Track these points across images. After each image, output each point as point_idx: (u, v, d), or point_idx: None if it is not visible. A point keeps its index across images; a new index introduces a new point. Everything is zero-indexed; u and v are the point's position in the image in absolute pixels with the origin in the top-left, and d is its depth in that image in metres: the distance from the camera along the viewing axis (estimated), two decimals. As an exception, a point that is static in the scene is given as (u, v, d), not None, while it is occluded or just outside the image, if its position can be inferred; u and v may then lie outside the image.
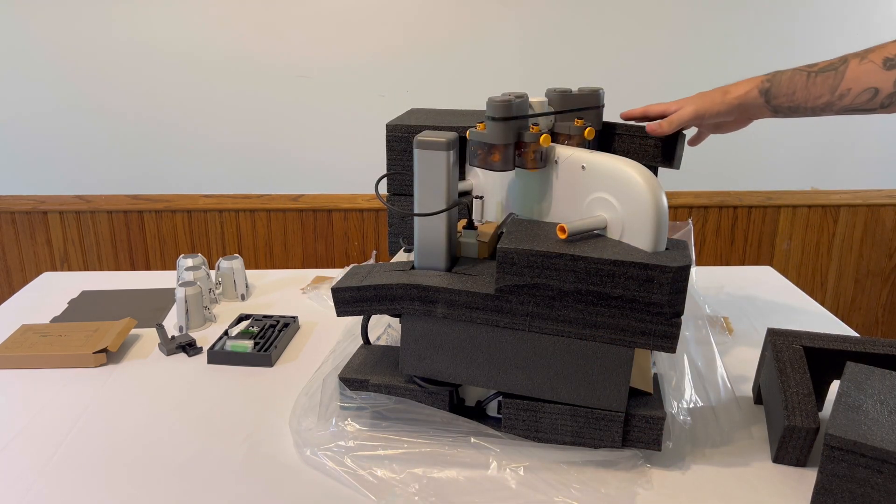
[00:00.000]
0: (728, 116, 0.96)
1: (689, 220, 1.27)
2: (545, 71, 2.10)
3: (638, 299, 0.76)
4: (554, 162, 0.86)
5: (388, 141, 1.04)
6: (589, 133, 0.89)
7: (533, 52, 2.08)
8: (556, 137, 0.90)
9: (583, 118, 0.91)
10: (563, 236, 0.79)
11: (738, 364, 1.09)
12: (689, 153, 2.21)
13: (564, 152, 0.85)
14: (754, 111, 0.96)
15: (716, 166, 2.21)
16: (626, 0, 2.04)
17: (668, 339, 0.77)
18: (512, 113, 0.81)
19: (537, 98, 0.89)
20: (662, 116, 0.98)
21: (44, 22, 2.00)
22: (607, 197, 0.80)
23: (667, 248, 0.79)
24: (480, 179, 0.99)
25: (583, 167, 0.82)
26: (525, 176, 0.90)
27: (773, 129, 2.17)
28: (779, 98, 0.94)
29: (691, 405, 0.93)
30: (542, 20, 2.06)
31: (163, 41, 2.03)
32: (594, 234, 0.82)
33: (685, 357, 0.99)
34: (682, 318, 0.77)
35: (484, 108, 0.84)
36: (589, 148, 0.88)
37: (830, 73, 0.92)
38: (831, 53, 0.94)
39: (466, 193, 0.99)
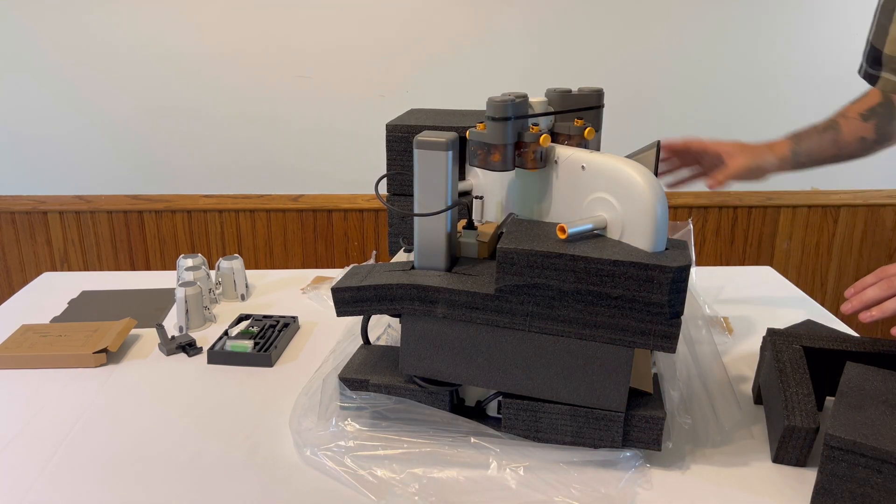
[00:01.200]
0: (766, 172, 1.11)
1: (689, 221, 1.27)
2: (545, 71, 2.10)
3: (638, 299, 0.76)
4: (554, 162, 0.86)
5: (388, 141, 1.04)
6: (589, 133, 0.89)
7: (533, 53, 2.08)
8: (555, 138, 0.90)
9: (583, 118, 0.91)
10: (562, 236, 0.79)
11: (738, 364, 1.09)
12: (689, 153, 2.11)
13: (564, 152, 0.85)
14: (781, 167, 1.13)
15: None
16: (627, 2, 2.05)
17: (668, 339, 0.77)
18: (511, 113, 0.81)
19: (537, 98, 0.89)
20: (702, 152, 1.14)
21: (44, 22, 2.00)
22: (607, 197, 0.80)
23: (667, 248, 0.79)
24: (480, 179, 0.99)
25: (582, 167, 0.82)
26: (525, 176, 0.90)
27: (774, 128, 2.17)
28: (801, 156, 1.13)
29: (691, 405, 0.93)
30: (543, 20, 2.06)
31: (163, 41, 2.03)
32: (594, 234, 0.82)
33: (686, 357, 0.99)
34: (682, 317, 0.77)
35: (484, 108, 0.84)
36: (589, 148, 0.88)
37: (832, 132, 1.14)
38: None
39: (466, 193, 1.00)
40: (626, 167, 0.78)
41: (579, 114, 0.91)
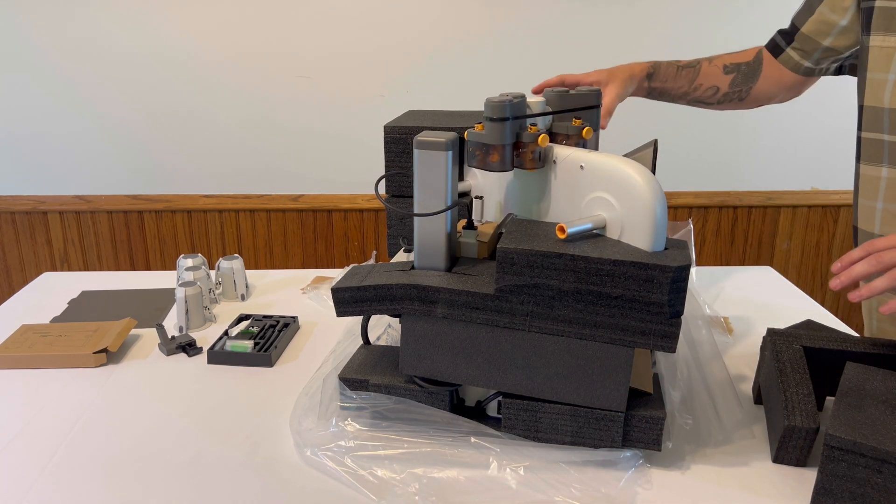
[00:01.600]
0: (628, 94, 1.18)
1: (689, 221, 1.27)
2: (544, 71, 2.09)
3: (638, 299, 0.76)
4: (552, 162, 0.86)
5: (387, 142, 1.04)
6: (587, 133, 0.89)
7: (532, 53, 2.08)
8: (553, 137, 0.90)
9: (581, 118, 0.91)
10: (562, 236, 0.79)
11: (738, 364, 1.09)
12: (689, 152, 2.20)
13: (563, 152, 0.85)
14: (637, 91, 1.19)
15: (716, 166, 2.21)
16: (625, 1, 2.05)
17: (668, 339, 0.77)
18: (509, 113, 0.81)
19: (535, 98, 0.89)
20: (577, 85, 1.13)
21: (44, 22, 2.00)
22: (606, 196, 0.80)
23: (666, 248, 0.79)
24: (479, 180, 0.99)
25: (581, 167, 0.82)
26: (523, 176, 0.90)
27: (773, 129, 2.18)
28: (656, 81, 1.19)
29: (692, 405, 0.93)
30: (542, 21, 2.06)
31: (163, 41, 2.03)
32: (593, 234, 0.82)
33: (686, 357, 0.99)
34: (682, 318, 0.77)
35: (482, 108, 0.84)
36: (587, 148, 0.88)
37: (691, 69, 1.19)
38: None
39: (465, 194, 1.00)
40: (624, 166, 0.78)
41: (577, 113, 0.91)
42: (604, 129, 1.01)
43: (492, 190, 0.97)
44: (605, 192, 0.80)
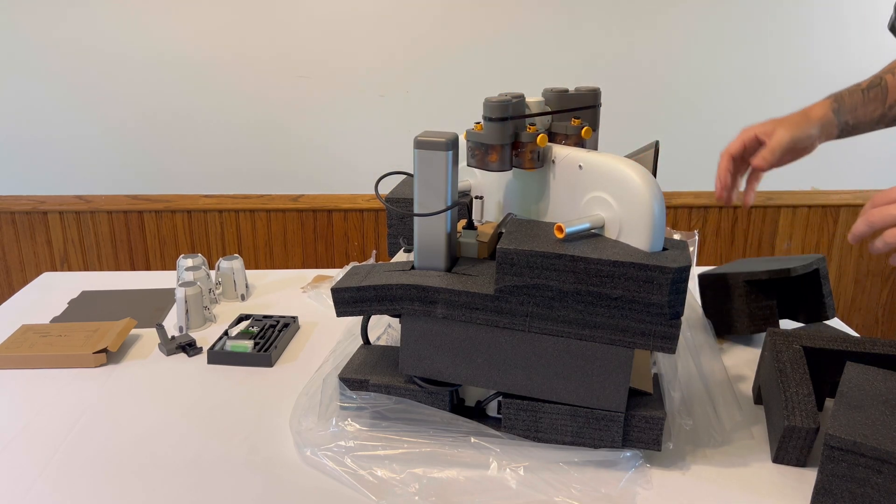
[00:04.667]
0: (813, 139, 1.00)
1: (696, 232, 1.28)
2: (544, 72, 2.10)
3: (638, 300, 0.76)
4: (551, 162, 0.86)
5: (389, 211, 1.03)
6: (586, 133, 0.89)
7: (532, 53, 2.08)
8: (553, 137, 0.91)
9: (580, 118, 0.91)
10: (560, 236, 0.79)
11: (738, 364, 1.09)
12: (689, 152, 2.21)
13: (561, 152, 0.85)
14: (826, 132, 1.02)
15: (716, 166, 2.21)
16: (624, 1, 2.05)
17: (668, 340, 0.77)
18: (508, 113, 0.81)
19: (534, 98, 0.89)
20: (758, 143, 1.01)
21: (44, 22, 2.00)
22: (604, 196, 0.80)
23: (666, 249, 0.79)
24: (479, 179, 0.99)
25: (580, 166, 0.82)
26: (522, 176, 0.90)
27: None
28: (845, 115, 1.02)
29: (692, 406, 0.93)
30: (542, 21, 2.06)
31: (163, 41, 2.03)
32: (592, 234, 0.82)
33: (686, 357, 0.99)
34: (683, 318, 0.77)
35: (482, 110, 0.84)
36: (586, 148, 0.88)
37: (877, 88, 1.03)
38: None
39: (465, 194, 1.00)
40: (623, 166, 0.78)
41: (576, 113, 0.91)
42: (764, 168, 0.97)
43: (491, 189, 0.97)
44: (604, 191, 0.80)
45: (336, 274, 1.46)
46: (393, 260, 0.99)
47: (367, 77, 2.09)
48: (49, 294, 1.36)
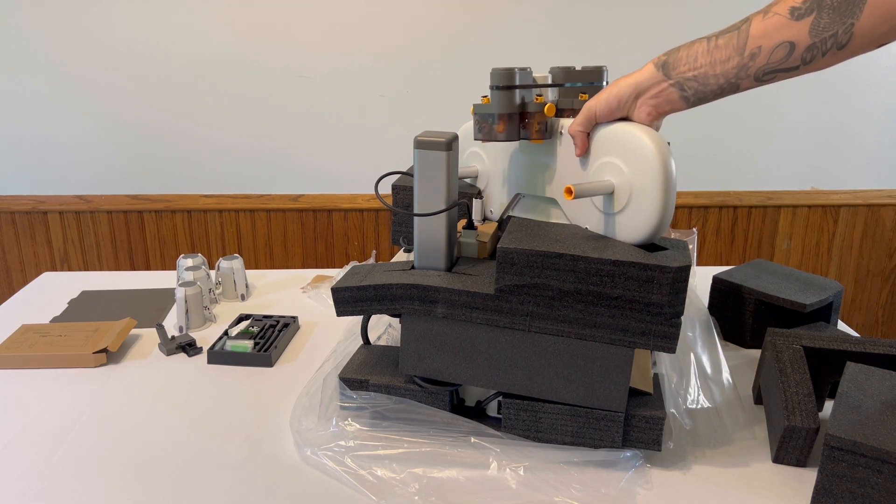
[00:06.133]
0: (622, 105, 0.82)
1: (694, 230, 1.28)
2: (544, 72, 2.09)
3: (638, 299, 0.76)
4: (559, 133, 0.86)
5: (395, 202, 1.03)
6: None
7: (532, 53, 2.08)
8: (560, 113, 0.89)
9: (587, 93, 0.90)
10: (569, 198, 0.78)
11: (738, 364, 1.09)
12: (689, 153, 2.21)
13: (569, 122, 0.85)
14: (658, 94, 0.81)
15: (716, 166, 2.21)
16: (626, 3, 2.05)
17: (667, 340, 0.77)
18: (515, 82, 0.81)
19: (541, 73, 0.89)
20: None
21: (44, 22, 2.00)
22: (615, 161, 0.80)
23: (666, 249, 0.79)
24: (486, 163, 0.98)
25: (588, 133, 0.82)
26: (530, 150, 0.90)
27: (774, 129, 2.18)
28: (679, 68, 0.79)
29: (693, 406, 0.93)
30: (542, 20, 2.06)
31: (163, 41, 2.03)
32: (594, 235, 0.82)
33: (690, 357, 0.99)
34: (687, 317, 0.77)
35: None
36: None
37: (733, 33, 0.79)
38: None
39: (467, 192, 0.99)
40: (635, 129, 0.78)
41: (583, 90, 0.91)
42: (571, 134, 0.84)
43: (498, 171, 0.96)
44: (615, 156, 0.80)
45: (336, 274, 1.46)
46: (393, 260, 0.99)
47: (367, 77, 2.09)
48: (49, 294, 1.36)
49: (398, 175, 1.00)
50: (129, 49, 2.03)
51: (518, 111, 0.83)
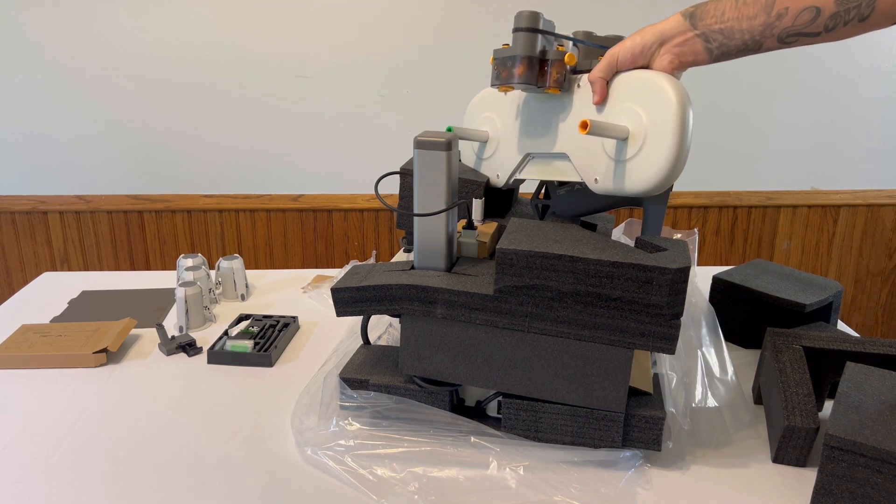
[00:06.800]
0: (646, 52, 0.82)
1: (695, 230, 1.28)
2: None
3: (637, 301, 0.76)
4: (577, 87, 0.86)
5: (402, 186, 1.03)
6: None
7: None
8: (577, 72, 0.89)
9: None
10: (583, 132, 0.76)
11: (738, 364, 1.09)
12: (689, 153, 2.18)
13: (587, 76, 0.85)
14: (682, 43, 0.81)
15: (716, 166, 2.21)
16: (629, 6, 2.05)
17: (667, 341, 0.77)
18: (538, 25, 0.81)
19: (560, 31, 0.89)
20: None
21: (44, 22, 2.00)
22: (633, 106, 0.80)
23: (666, 249, 0.79)
24: (497, 126, 0.98)
25: (607, 82, 0.82)
26: (543, 107, 0.90)
27: (774, 129, 2.18)
28: (706, 19, 0.80)
29: (699, 405, 0.93)
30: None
31: (163, 41, 2.03)
32: (594, 236, 0.82)
33: (698, 355, 0.99)
34: (691, 317, 0.77)
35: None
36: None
37: None
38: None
39: (476, 183, 0.99)
40: (654, 76, 0.78)
41: (601, 52, 0.91)
42: (591, 81, 0.84)
43: (509, 133, 0.96)
44: (633, 102, 0.80)
45: (336, 274, 1.46)
46: (393, 259, 0.99)
47: (367, 77, 2.09)
48: (49, 294, 1.36)
49: (398, 175, 1.00)
50: (130, 49, 2.03)
51: (539, 56, 0.82)
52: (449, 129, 0.92)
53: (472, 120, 1.03)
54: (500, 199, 1.04)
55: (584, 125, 0.76)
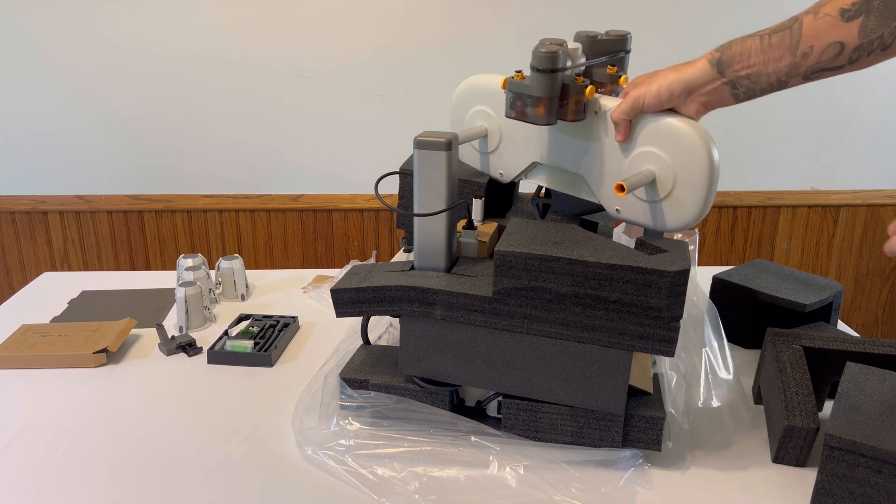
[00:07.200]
0: (674, 100, 0.83)
1: (696, 231, 1.28)
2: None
3: (636, 303, 0.76)
4: (594, 113, 0.85)
5: (401, 186, 1.02)
6: (623, 81, 0.88)
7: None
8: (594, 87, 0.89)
9: (614, 65, 0.89)
10: (621, 195, 0.78)
11: (738, 364, 1.08)
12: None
13: (608, 104, 0.83)
14: (710, 92, 0.83)
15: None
16: (630, 7, 2.05)
17: (666, 343, 0.77)
18: (559, 65, 0.79)
19: (572, 45, 0.86)
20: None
21: (44, 22, 2.00)
22: (656, 150, 0.80)
23: (666, 251, 0.79)
24: (496, 121, 0.96)
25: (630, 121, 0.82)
26: (560, 127, 0.88)
27: (774, 128, 2.17)
28: (733, 66, 0.81)
29: (692, 406, 0.93)
30: (543, 19, 2.06)
31: (163, 41, 2.03)
32: (593, 237, 0.82)
33: (692, 354, 0.99)
34: (692, 313, 0.78)
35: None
36: (620, 94, 0.86)
37: (785, 32, 0.81)
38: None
39: (476, 178, 0.98)
40: (680, 124, 0.79)
41: (610, 59, 0.89)
42: (614, 119, 0.84)
43: (514, 131, 0.94)
44: (656, 146, 0.80)
45: (337, 274, 1.46)
46: (393, 260, 0.99)
47: (367, 77, 2.09)
48: (49, 294, 1.36)
49: (398, 175, 1.00)
50: (130, 49, 2.03)
51: (559, 94, 0.80)
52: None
53: (460, 112, 1.01)
54: (501, 197, 1.04)
55: (620, 188, 0.77)
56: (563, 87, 0.81)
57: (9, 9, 1.98)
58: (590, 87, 0.81)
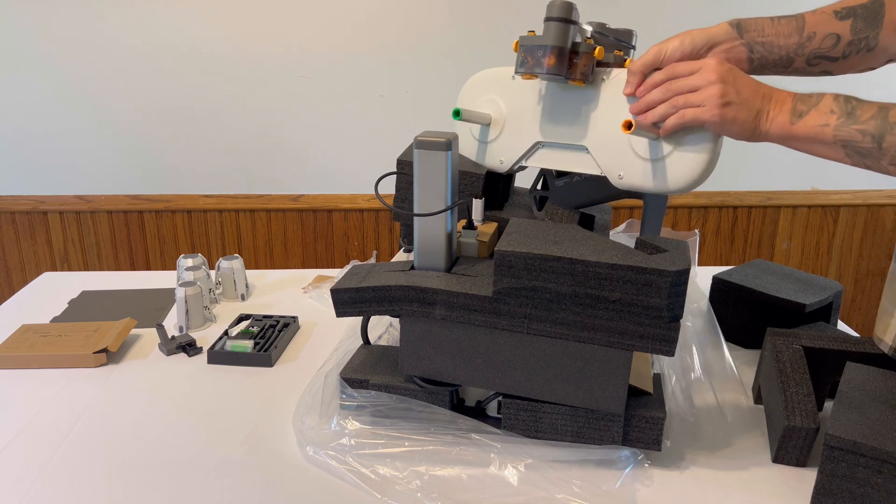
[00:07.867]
0: (696, 51, 0.88)
1: (696, 231, 1.28)
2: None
3: (636, 303, 0.76)
4: (602, 80, 0.86)
5: (398, 177, 1.03)
6: (628, 64, 0.89)
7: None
8: (600, 64, 0.90)
9: (622, 50, 0.90)
10: (627, 132, 0.78)
11: (738, 364, 1.09)
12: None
13: (615, 71, 0.85)
14: (729, 50, 0.89)
15: (716, 166, 2.21)
16: (632, 9, 2.05)
17: (666, 343, 0.77)
18: (572, 16, 0.81)
19: (585, 25, 0.89)
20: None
21: (45, 22, 2.00)
22: None
23: (667, 250, 0.79)
24: (502, 110, 0.97)
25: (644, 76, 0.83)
26: (564, 95, 0.89)
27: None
28: (750, 32, 0.89)
29: (692, 405, 0.93)
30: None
31: (163, 41, 2.03)
32: (593, 237, 0.82)
33: (692, 352, 0.99)
34: (691, 312, 0.78)
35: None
36: None
37: (791, 18, 0.91)
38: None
39: (476, 171, 0.98)
40: None
41: (619, 46, 0.91)
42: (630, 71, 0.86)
43: (516, 118, 0.95)
44: None
45: (337, 274, 1.46)
46: (393, 259, 0.99)
47: (367, 77, 2.09)
48: (49, 294, 1.36)
49: (398, 175, 1.00)
50: (130, 49, 2.03)
51: (570, 48, 0.82)
52: (456, 111, 0.91)
53: (470, 101, 1.01)
54: (498, 190, 1.03)
55: (627, 125, 0.77)
56: (574, 45, 0.83)
57: (9, 9, 1.99)
58: (599, 48, 0.83)
